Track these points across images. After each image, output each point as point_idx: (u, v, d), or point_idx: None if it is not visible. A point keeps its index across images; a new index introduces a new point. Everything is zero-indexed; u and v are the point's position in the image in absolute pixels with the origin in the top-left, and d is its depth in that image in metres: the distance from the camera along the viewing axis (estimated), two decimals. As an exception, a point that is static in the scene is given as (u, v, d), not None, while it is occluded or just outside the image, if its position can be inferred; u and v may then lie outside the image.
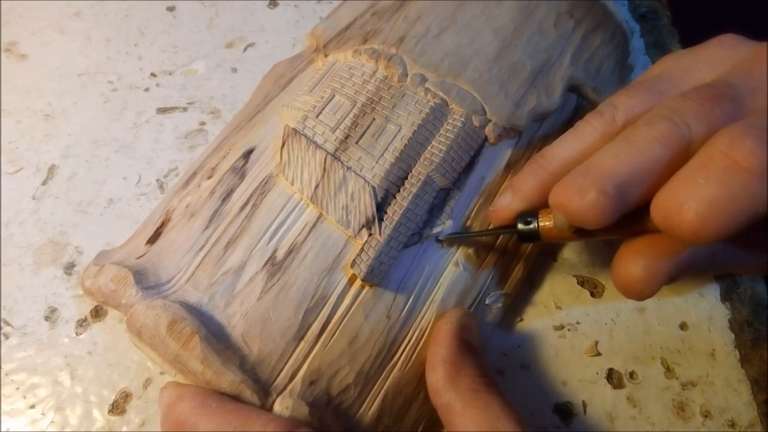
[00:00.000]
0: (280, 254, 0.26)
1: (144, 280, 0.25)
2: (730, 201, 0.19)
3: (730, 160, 0.19)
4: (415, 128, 0.28)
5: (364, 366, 0.25)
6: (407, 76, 0.29)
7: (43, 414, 0.27)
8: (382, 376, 0.25)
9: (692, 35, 0.40)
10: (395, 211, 0.26)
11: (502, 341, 0.29)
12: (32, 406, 0.27)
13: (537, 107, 0.30)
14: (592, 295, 0.30)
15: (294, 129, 0.28)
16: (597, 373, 0.28)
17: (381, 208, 0.26)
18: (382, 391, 0.25)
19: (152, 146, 0.34)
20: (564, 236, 0.24)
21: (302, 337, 0.25)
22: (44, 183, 0.33)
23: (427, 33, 0.31)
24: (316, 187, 0.27)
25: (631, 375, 0.28)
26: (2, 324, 0.29)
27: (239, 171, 0.28)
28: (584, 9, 0.34)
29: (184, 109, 0.36)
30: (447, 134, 0.28)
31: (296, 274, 0.25)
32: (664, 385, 0.28)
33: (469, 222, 0.28)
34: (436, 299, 0.27)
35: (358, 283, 0.26)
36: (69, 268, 0.31)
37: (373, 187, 0.26)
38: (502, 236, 0.29)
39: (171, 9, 0.40)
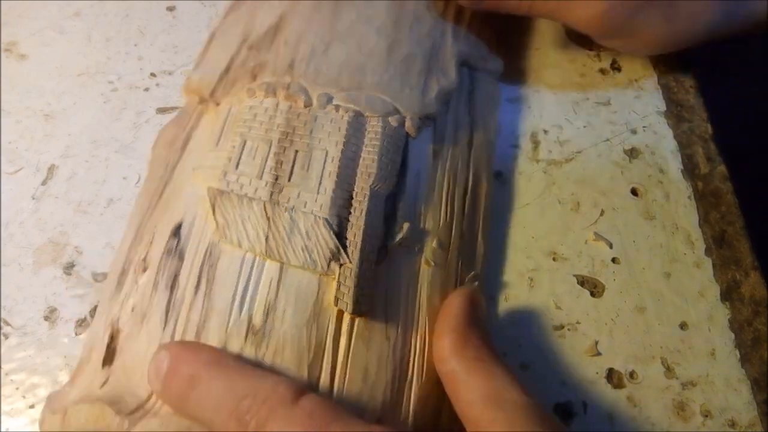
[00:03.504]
0: (257, 321, 0.24)
1: (124, 407, 0.22)
2: None
3: None
4: (342, 147, 0.27)
5: (385, 395, 0.24)
6: (312, 99, 0.28)
7: (42, 414, 0.27)
8: (405, 397, 0.24)
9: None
10: (355, 233, 0.25)
11: (502, 341, 0.29)
12: (32, 406, 0.27)
13: (440, 90, 0.31)
14: (592, 295, 0.30)
15: (218, 189, 0.26)
16: (597, 373, 0.28)
17: (340, 236, 0.25)
18: (411, 413, 0.24)
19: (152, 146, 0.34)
20: None
21: (315, 393, 0.23)
22: (44, 183, 0.33)
23: (314, 51, 0.30)
24: (267, 239, 0.25)
25: (631, 375, 0.28)
26: (2, 324, 0.29)
27: (175, 252, 0.26)
28: None
29: (184, 109, 0.36)
30: (373, 143, 0.27)
31: (283, 333, 0.24)
32: (664, 385, 0.28)
33: (422, 219, 0.28)
34: (422, 303, 0.26)
35: (347, 318, 0.25)
36: (69, 268, 0.31)
37: (325, 219, 0.25)
38: (454, 207, 0.29)
39: (171, 9, 0.40)
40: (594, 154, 0.35)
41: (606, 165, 0.34)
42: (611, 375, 0.28)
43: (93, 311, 0.29)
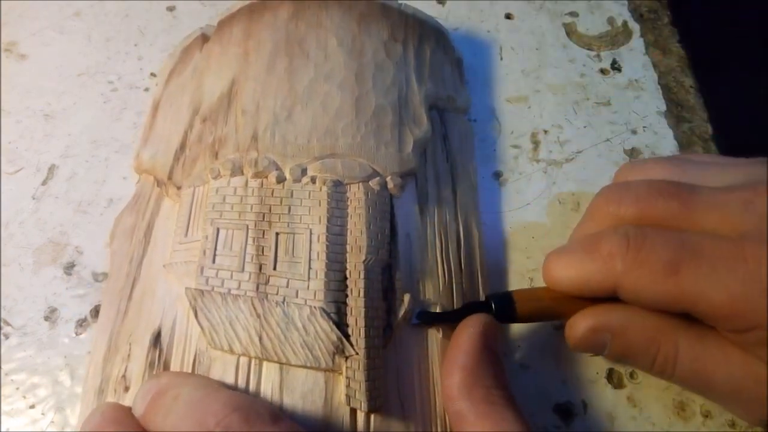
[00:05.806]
0: None
1: None
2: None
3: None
4: (326, 222, 0.25)
5: None
6: (284, 173, 0.26)
7: (43, 414, 0.27)
8: None
9: (692, 35, 0.40)
10: (356, 318, 0.23)
11: (502, 341, 0.29)
12: (32, 406, 0.27)
13: (416, 142, 0.29)
14: (592, 295, 0.30)
15: (197, 289, 0.24)
16: (597, 373, 0.28)
17: (341, 323, 0.23)
18: None
19: (152, 146, 0.34)
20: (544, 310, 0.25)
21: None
22: (44, 183, 0.33)
23: (276, 119, 0.28)
24: (260, 339, 0.23)
25: (632, 375, 0.28)
26: (2, 324, 0.29)
27: (159, 364, 0.24)
28: (402, 27, 0.32)
29: (184, 109, 0.36)
30: (358, 212, 0.26)
31: None
32: (664, 385, 0.28)
33: (421, 286, 0.26)
34: (437, 378, 0.25)
35: (362, 416, 0.22)
36: (69, 268, 0.31)
37: (322, 308, 0.23)
38: (451, 266, 0.28)
39: (171, 9, 0.40)
40: (594, 154, 0.35)
41: (606, 165, 0.34)
42: (611, 375, 0.28)
43: (93, 311, 0.29)
